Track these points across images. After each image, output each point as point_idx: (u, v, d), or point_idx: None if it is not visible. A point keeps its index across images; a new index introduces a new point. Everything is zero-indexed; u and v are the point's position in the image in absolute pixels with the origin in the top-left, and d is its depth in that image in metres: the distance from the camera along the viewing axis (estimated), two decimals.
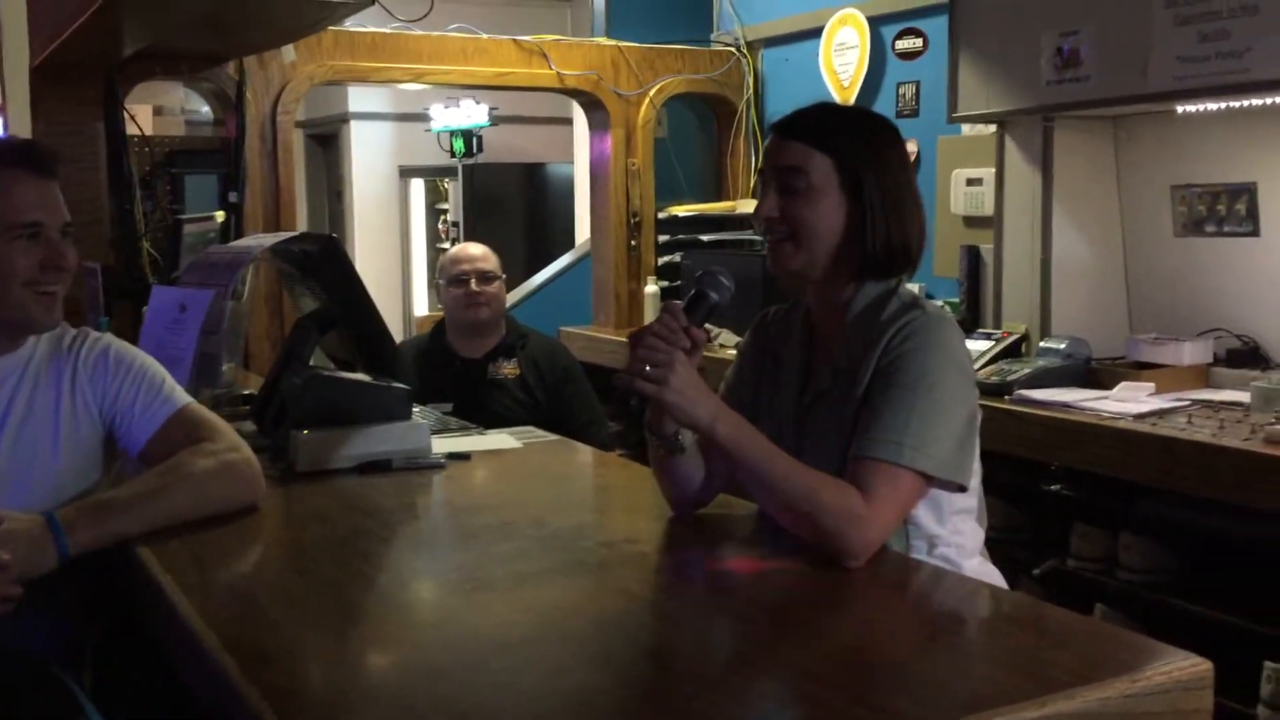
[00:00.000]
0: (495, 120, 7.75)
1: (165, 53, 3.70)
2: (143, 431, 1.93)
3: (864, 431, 1.61)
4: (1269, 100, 2.70)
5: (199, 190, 4.04)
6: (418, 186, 8.80)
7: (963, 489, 1.66)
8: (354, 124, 8.91)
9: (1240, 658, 2.44)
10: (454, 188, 8.09)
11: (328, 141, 9.45)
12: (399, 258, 8.83)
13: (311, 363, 2.82)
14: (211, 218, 3.78)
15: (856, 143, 1.69)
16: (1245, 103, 2.76)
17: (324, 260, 2.64)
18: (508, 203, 8.04)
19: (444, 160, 8.10)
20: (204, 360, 2.54)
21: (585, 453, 2.52)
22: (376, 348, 2.69)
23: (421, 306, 8.38)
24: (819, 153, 1.68)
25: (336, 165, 9.26)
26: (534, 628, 1.42)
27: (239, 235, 3.99)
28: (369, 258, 8.69)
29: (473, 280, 3.50)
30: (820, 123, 1.72)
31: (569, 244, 6.73)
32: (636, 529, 1.83)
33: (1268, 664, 2.38)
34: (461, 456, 2.41)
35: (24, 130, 3.23)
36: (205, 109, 4.54)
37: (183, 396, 1.99)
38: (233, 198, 4.00)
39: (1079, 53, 2.91)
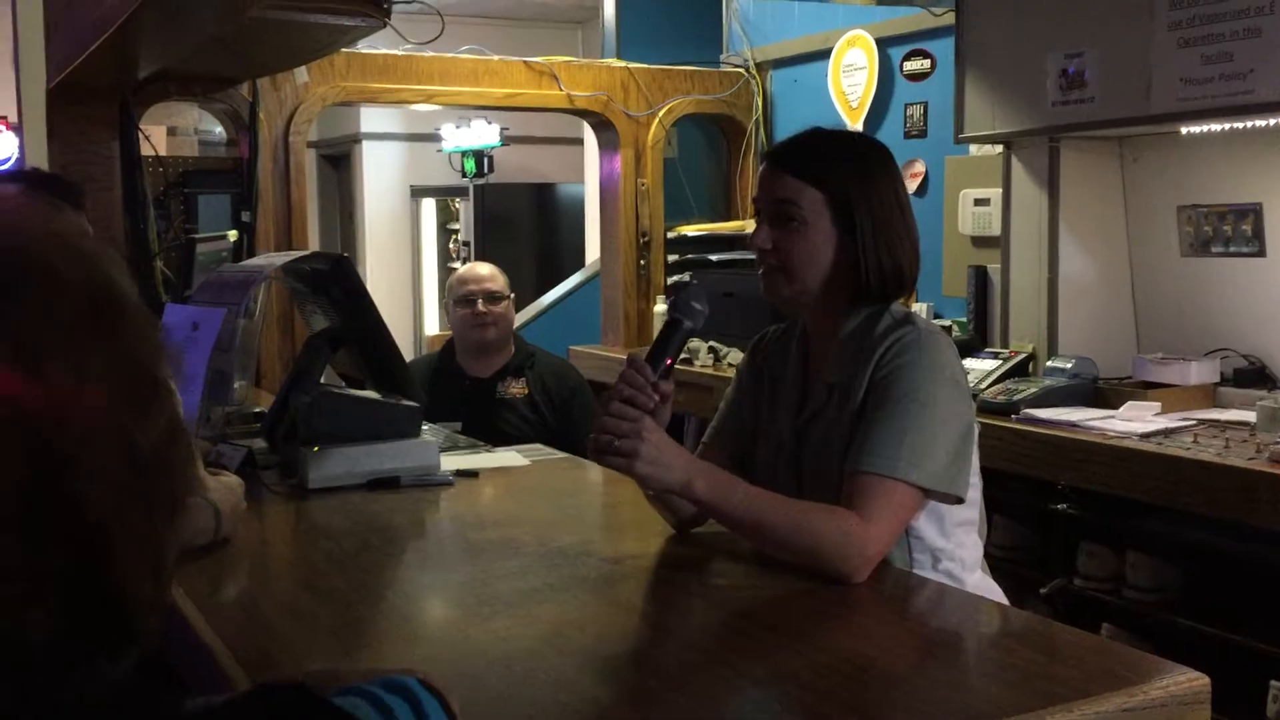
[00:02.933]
0: (506, 140, 7.80)
1: (179, 75, 3.75)
2: None
3: (859, 447, 1.63)
4: (1273, 121, 2.72)
5: (212, 210, 4.08)
6: (429, 206, 8.85)
7: (960, 501, 1.68)
8: (366, 144, 8.98)
9: (1248, 677, 2.44)
10: (465, 207, 8.14)
11: (339, 162, 9.52)
12: (410, 277, 8.88)
13: (322, 380, 2.86)
14: (224, 237, 3.82)
15: (847, 173, 1.72)
16: (1250, 124, 2.77)
17: (334, 279, 2.67)
18: (518, 222, 8.09)
19: (455, 180, 8.15)
20: (216, 378, 2.56)
21: (593, 470, 2.53)
22: (387, 365, 2.72)
23: (433, 325, 8.42)
24: (809, 185, 1.71)
25: (348, 185, 9.32)
26: (537, 642, 1.43)
27: (251, 254, 4.03)
28: (380, 277, 8.73)
29: (480, 301, 3.52)
30: (811, 154, 1.75)
31: (579, 264, 6.76)
32: (641, 546, 1.85)
33: (1274, 683, 2.38)
34: (470, 474, 2.43)
35: (40, 151, 3.28)
36: (219, 129, 4.59)
37: None
38: (245, 217, 4.05)
39: (1083, 74, 2.93)
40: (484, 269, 3.67)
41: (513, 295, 3.66)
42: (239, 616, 1.58)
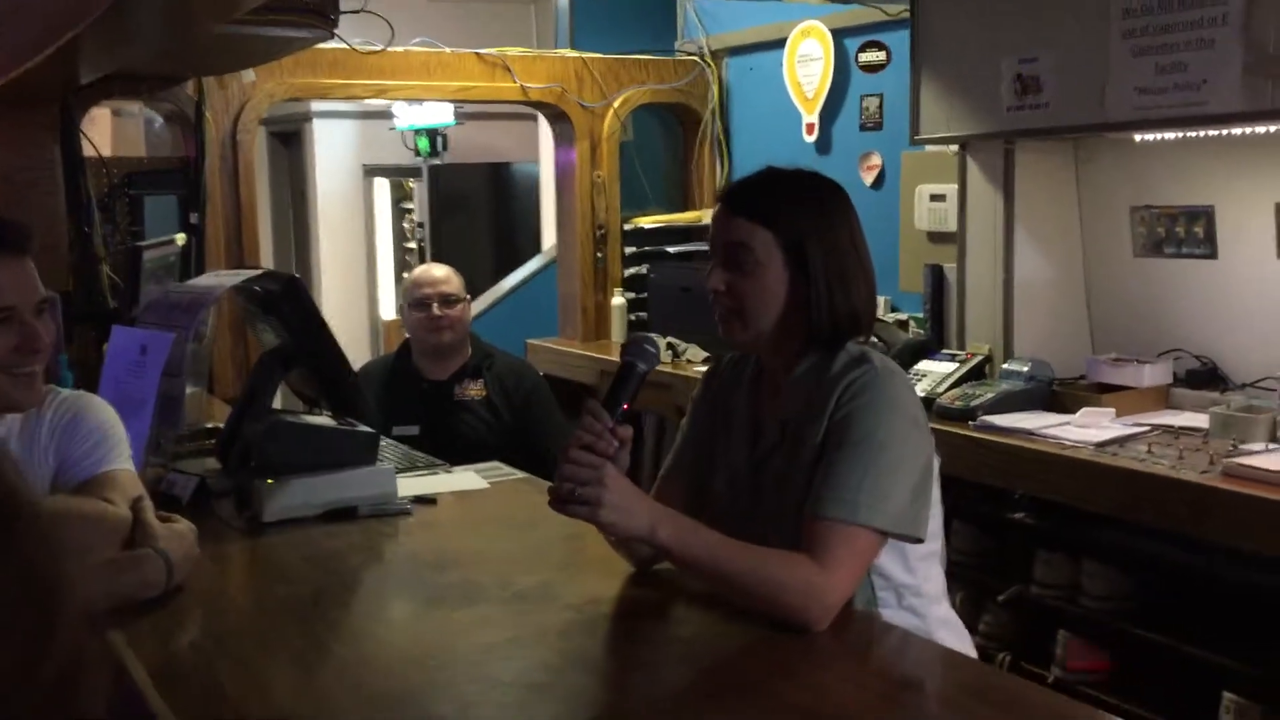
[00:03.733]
0: (460, 119, 7.70)
1: (123, 73, 3.65)
2: (70, 481, 1.91)
3: (818, 491, 1.62)
4: (1225, 132, 2.73)
5: (158, 212, 3.99)
6: (382, 186, 8.73)
7: (920, 541, 1.68)
8: (317, 122, 8.82)
9: (1201, 687, 2.48)
10: (419, 188, 8.04)
11: (290, 139, 9.37)
12: (364, 258, 8.77)
13: (277, 401, 2.81)
14: (172, 240, 3.74)
15: (800, 215, 1.71)
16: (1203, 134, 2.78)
17: (286, 299, 2.63)
18: (474, 203, 8.00)
19: (409, 159, 8.03)
20: (166, 403, 2.52)
21: None
22: (340, 386, 2.69)
23: (389, 309, 8.33)
24: (762, 228, 1.70)
25: (299, 164, 9.17)
26: (497, 709, 1.42)
27: (200, 258, 3.96)
28: (334, 258, 8.62)
29: (435, 304, 3.48)
30: (763, 194, 1.74)
31: (535, 245, 6.71)
32: (602, 587, 1.83)
33: (1226, 694, 2.42)
34: (428, 500, 2.41)
35: None
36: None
37: (118, 461, 1.96)
38: (193, 219, 3.97)
39: (1038, 79, 2.92)
40: (439, 271, 3.63)
41: (469, 298, 3.62)
42: (191, 683, 1.55)
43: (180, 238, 3.79)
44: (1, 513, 0.64)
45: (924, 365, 3.31)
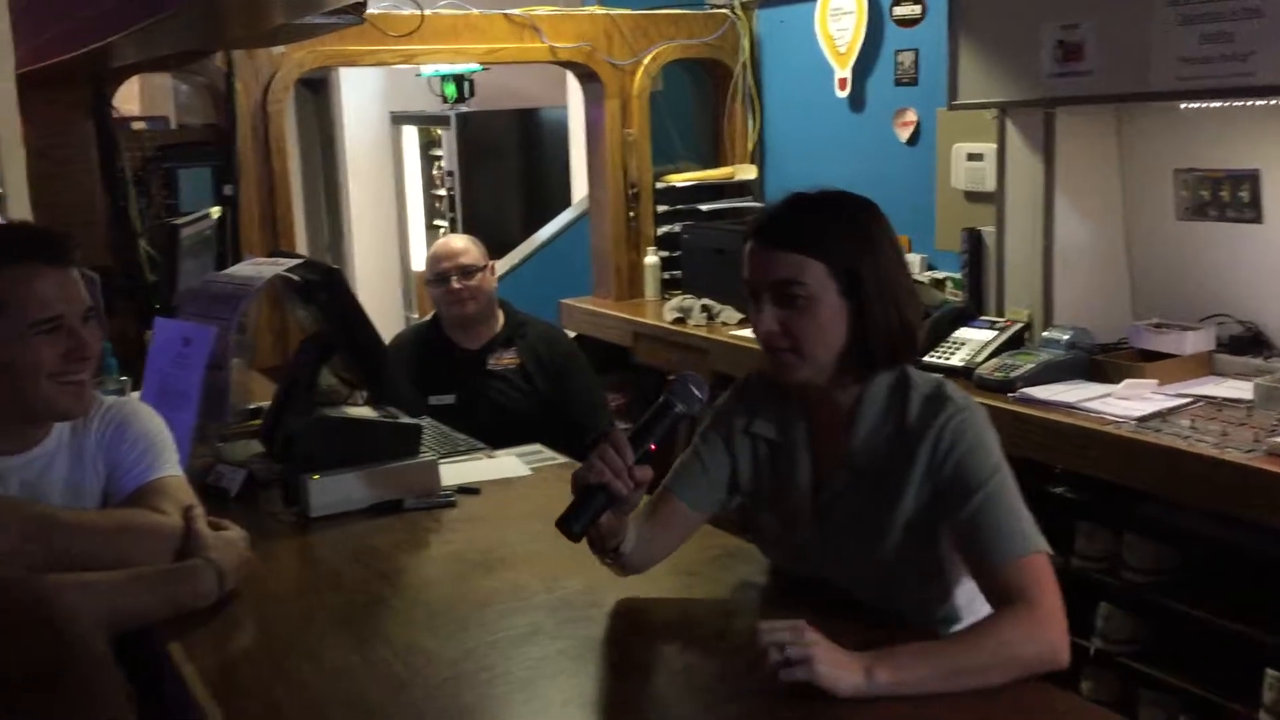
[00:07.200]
0: (486, 64, 7.63)
1: None
2: (120, 491, 1.94)
3: (987, 543, 1.57)
4: (1274, 101, 2.67)
5: (193, 184, 4.00)
6: (410, 134, 8.69)
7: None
8: (343, 69, 8.77)
9: (1242, 663, 2.49)
10: (447, 136, 7.99)
11: (317, 86, 9.32)
12: (394, 208, 8.76)
13: (320, 384, 2.83)
14: (207, 215, 3.75)
15: (845, 238, 1.64)
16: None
17: (325, 290, 2.64)
18: (503, 150, 7.94)
19: (435, 105, 7.98)
20: (211, 395, 2.54)
21: None
22: (378, 376, 2.71)
23: (419, 260, 8.33)
24: (810, 259, 1.62)
25: (327, 111, 9.13)
26: None
27: (235, 230, 3.97)
28: (363, 208, 8.62)
29: (454, 277, 3.48)
30: (804, 225, 1.65)
31: (565, 194, 6.68)
32: (647, 588, 1.84)
33: (1269, 671, 2.43)
34: (471, 491, 2.43)
35: (14, 141, 3.18)
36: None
37: (167, 467, 1.99)
38: (227, 191, 3.97)
39: (1081, 46, 2.86)
40: (457, 242, 3.62)
41: (489, 265, 3.60)
42: (249, 699, 1.59)
43: (215, 211, 3.80)
44: (53, 668, 0.67)
45: (962, 333, 3.28)
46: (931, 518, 1.65)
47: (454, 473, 2.53)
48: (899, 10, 4.12)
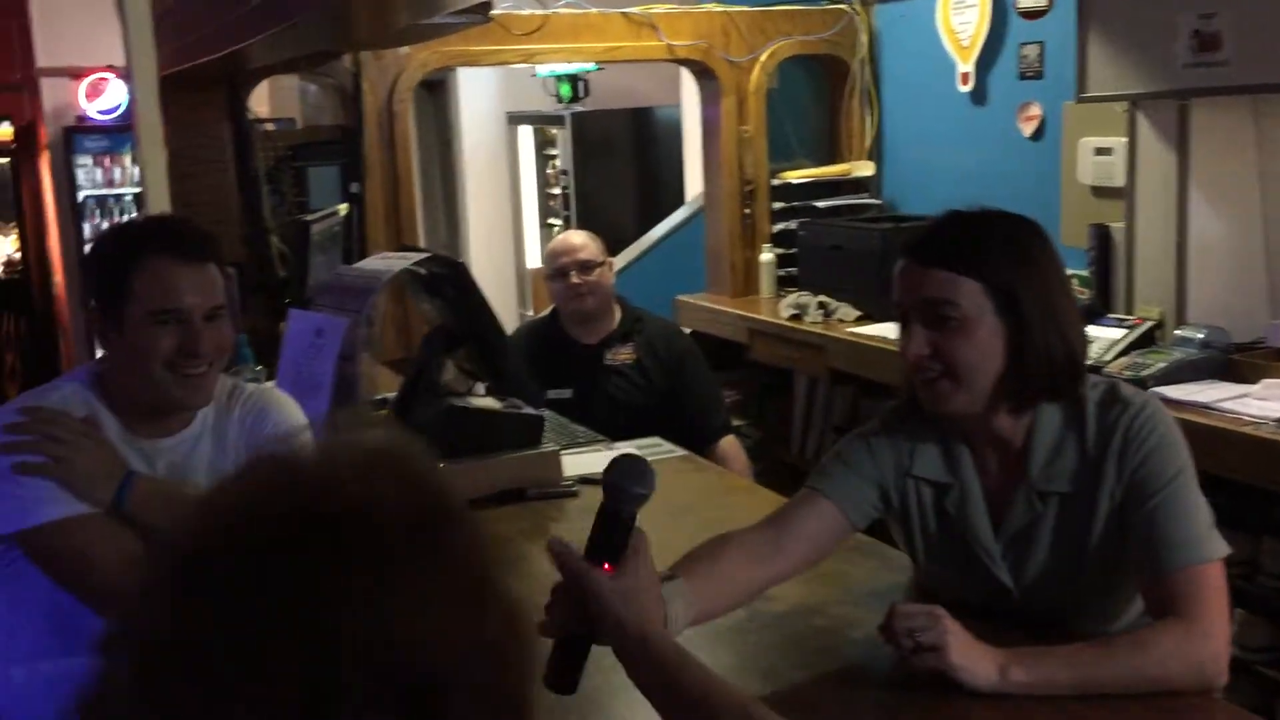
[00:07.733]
0: (602, 64, 7.70)
1: None
2: None
3: (1156, 549, 1.51)
4: None
5: (321, 181, 4.12)
6: (526, 133, 8.81)
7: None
8: (461, 69, 8.93)
9: None
10: (562, 135, 8.09)
11: (435, 87, 9.50)
12: (509, 206, 8.89)
13: (444, 375, 2.90)
14: (335, 211, 3.87)
15: (1004, 257, 1.55)
16: None
17: (450, 283, 2.71)
18: (617, 149, 8.01)
19: (550, 105, 8.09)
20: (343, 385, 2.62)
21: (710, 474, 2.54)
22: (501, 368, 2.76)
23: (534, 258, 8.44)
24: (966, 278, 1.54)
25: (444, 112, 9.31)
26: None
27: (362, 226, 4.08)
28: (480, 206, 8.75)
29: (573, 273, 3.51)
30: (960, 242, 1.57)
31: (678, 192, 6.69)
32: (845, 597, 1.81)
33: None
34: (593, 481, 2.46)
35: (156, 142, 3.32)
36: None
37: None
38: (354, 188, 4.08)
39: (1218, 36, 2.78)
40: (576, 238, 3.65)
41: (608, 261, 3.62)
42: None
43: (343, 208, 3.92)
44: (435, 518, 0.70)
45: (1090, 331, 3.20)
46: (1122, 523, 1.59)
47: (574, 463, 2.56)
48: (1024, 2, 4.04)
